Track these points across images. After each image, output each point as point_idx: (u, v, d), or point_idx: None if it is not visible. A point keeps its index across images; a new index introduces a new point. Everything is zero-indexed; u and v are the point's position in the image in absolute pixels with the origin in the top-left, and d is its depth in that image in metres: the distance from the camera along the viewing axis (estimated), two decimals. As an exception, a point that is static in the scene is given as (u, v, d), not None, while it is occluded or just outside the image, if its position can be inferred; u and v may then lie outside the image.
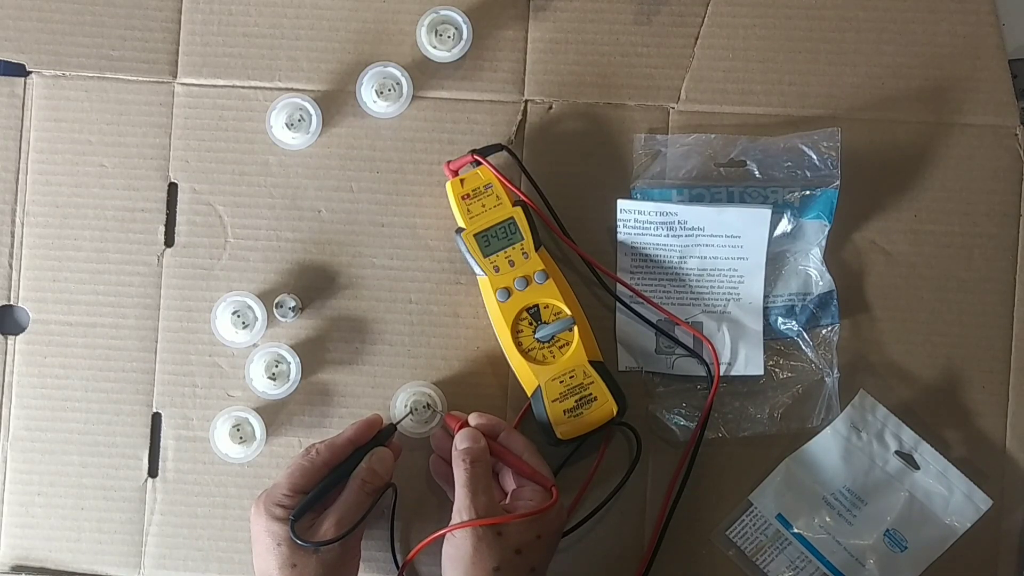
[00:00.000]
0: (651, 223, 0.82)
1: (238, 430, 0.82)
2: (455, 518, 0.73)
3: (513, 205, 0.80)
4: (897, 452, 0.82)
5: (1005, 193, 0.84)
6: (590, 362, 0.79)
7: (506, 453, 0.76)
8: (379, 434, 0.78)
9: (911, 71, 0.84)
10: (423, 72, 0.84)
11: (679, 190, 0.82)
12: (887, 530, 0.82)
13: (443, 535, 0.73)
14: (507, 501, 0.75)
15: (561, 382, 0.79)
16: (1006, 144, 0.84)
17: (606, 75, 0.84)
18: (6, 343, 0.84)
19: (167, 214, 0.84)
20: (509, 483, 0.77)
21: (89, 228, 0.84)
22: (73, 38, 0.85)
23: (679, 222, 0.81)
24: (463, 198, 0.81)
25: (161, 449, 0.84)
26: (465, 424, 0.77)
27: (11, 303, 0.84)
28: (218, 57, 0.85)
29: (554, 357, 0.80)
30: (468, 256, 0.80)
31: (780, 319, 0.83)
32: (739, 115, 0.84)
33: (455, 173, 0.81)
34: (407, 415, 0.81)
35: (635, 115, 0.84)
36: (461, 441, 0.76)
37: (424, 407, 0.81)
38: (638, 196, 0.83)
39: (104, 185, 0.84)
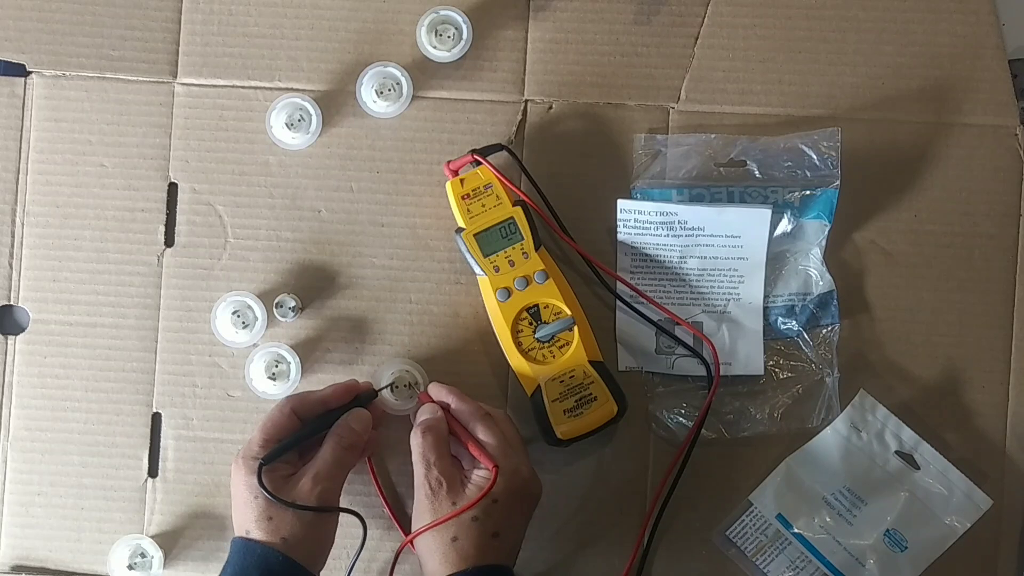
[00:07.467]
0: (651, 223, 0.82)
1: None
2: (416, 493, 0.74)
3: (513, 205, 0.80)
4: (897, 452, 0.82)
5: (1005, 193, 0.84)
6: (590, 362, 0.79)
7: (457, 428, 0.77)
8: (358, 397, 0.78)
9: (911, 71, 0.84)
10: (423, 72, 0.84)
11: (679, 190, 0.82)
12: (887, 530, 0.82)
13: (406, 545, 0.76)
14: (468, 470, 0.75)
15: (561, 382, 0.79)
16: (1006, 144, 0.84)
17: (606, 75, 0.84)
18: (6, 343, 0.84)
19: (167, 214, 0.84)
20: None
21: (89, 228, 0.84)
22: (73, 38, 0.85)
23: (679, 222, 0.81)
24: (463, 198, 0.81)
25: (161, 449, 0.84)
26: (427, 398, 0.79)
27: (11, 303, 0.84)
28: (218, 57, 0.85)
29: (554, 357, 0.80)
30: (468, 256, 0.80)
31: (780, 319, 0.83)
32: (739, 115, 0.84)
33: (455, 173, 0.81)
34: (390, 384, 0.81)
35: (635, 115, 0.84)
36: (420, 414, 0.77)
37: (406, 385, 0.81)
38: (638, 196, 0.83)
39: (104, 185, 0.84)
